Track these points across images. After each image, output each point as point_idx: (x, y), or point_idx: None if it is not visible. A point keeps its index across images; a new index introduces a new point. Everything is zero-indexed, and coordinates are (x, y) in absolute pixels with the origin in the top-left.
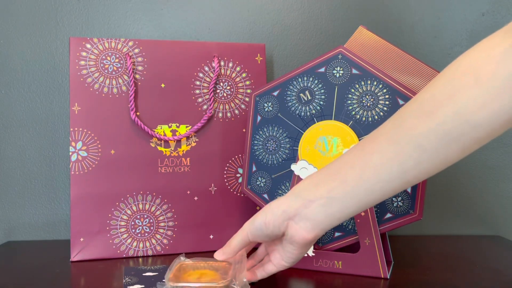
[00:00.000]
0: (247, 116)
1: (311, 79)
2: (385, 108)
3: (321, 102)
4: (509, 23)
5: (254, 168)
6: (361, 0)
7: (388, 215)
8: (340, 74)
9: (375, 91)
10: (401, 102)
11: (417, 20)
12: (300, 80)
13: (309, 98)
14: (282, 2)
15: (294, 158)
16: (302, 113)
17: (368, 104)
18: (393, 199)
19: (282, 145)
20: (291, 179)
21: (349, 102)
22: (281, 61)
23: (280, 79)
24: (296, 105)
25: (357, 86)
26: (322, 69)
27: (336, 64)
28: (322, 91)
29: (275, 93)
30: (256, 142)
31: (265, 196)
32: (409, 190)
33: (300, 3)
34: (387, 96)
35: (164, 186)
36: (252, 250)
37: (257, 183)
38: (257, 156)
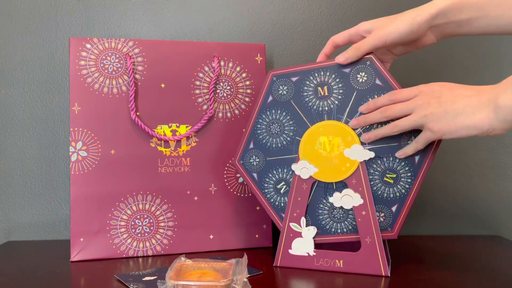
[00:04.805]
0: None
1: (333, 76)
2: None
3: (336, 102)
4: None
5: (251, 145)
6: (361, 0)
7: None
8: (363, 80)
9: None
10: None
11: None
12: (322, 73)
13: (326, 94)
14: (282, 2)
15: (293, 147)
16: (315, 107)
17: None
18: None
19: (286, 132)
20: (284, 167)
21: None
22: (281, 61)
23: (303, 66)
24: (311, 97)
25: (375, 96)
26: (347, 70)
27: (363, 69)
28: (341, 91)
29: (294, 79)
30: (261, 121)
31: (255, 175)
32: (393, 209)
33: (300, 3)
34: None
35: (164, 186)
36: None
37: (250, 160)
38: (258, 134)
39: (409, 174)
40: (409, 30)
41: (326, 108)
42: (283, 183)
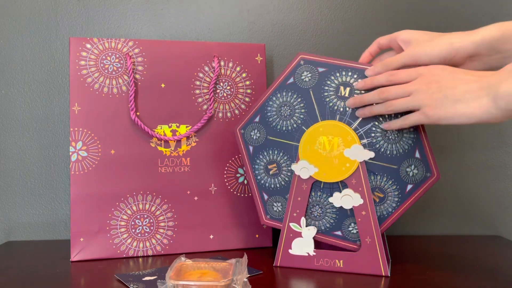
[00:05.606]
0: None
1: (359, 80)
2: (409, 142)
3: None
4: None
5: (257, 119)
6: (361, 0)
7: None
8: None
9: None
10: None
11: (418, 20)
12: (350, 73)
13: (346, 95)
14: (282, 2)
15: (297, 135)
16: (331, 104)
17: (393, 137)
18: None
19: (294, 118)
20: (281, 151)
21: (377, 123)
22: (281, 61)
23: (334, 60)
24: (331, 93)
25: (392, 115)
26: None
27: None
28: None
29: (321, 69)
30: (274, 99)
31: (250, 148)
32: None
33: (300, 3)
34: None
35: (164, 186)
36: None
37: (251, 133)
38: (267, 111)
39: (396, 199)
40: (443, 56)
41: (341, 109)
42: (274, 165)
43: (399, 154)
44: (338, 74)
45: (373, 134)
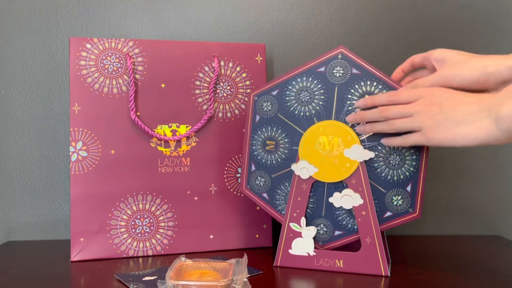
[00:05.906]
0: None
1: (361, 99)
2: (407, 173)
3: None
4: None
5: (274, 92)
6: (361, 0)
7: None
8: None
9: None
10: None
11: (418, 20)
12: (380, 86)
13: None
14: (282, 2)
15: (306, 124)
16: (350, 108)
17: (394, 163)
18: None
19: (309, 108)
20: (285, 132)
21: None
22: (281, 61)
23: (370, 67)
24: (355, 98)
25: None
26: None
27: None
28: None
29: (354, 71)
30: (299, 80)
31: (257, 117)
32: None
33: (300, 3)
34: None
35: (164, 186)
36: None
37: (264, 103)
38: (287, 89)
39: None
40: (475, 80)
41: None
42: (273, 142)
43: (392, 181)
44: (369, 82)
45: (376, 153)
